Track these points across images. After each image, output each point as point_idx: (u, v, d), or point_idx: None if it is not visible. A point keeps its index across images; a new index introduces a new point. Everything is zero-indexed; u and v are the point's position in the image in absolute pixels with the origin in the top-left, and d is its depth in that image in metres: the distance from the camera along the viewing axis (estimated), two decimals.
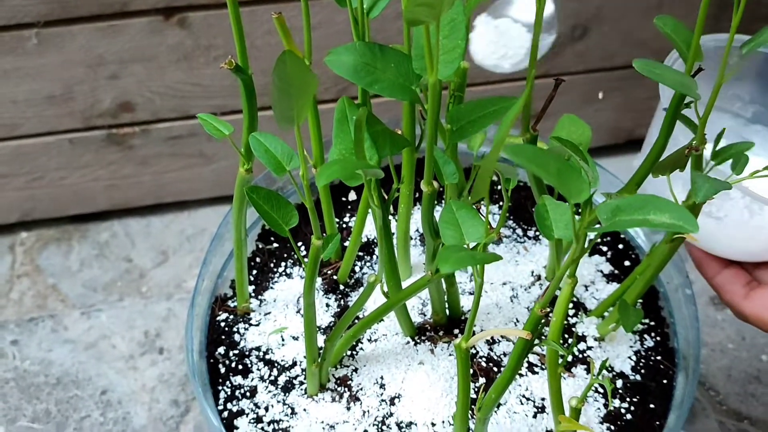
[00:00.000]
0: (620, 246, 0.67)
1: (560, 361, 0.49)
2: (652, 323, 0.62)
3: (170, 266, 0.92)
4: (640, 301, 0.63)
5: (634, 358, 0.60)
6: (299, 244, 0.67)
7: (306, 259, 0.48)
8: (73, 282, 0.90)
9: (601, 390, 0.58)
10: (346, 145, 0.44)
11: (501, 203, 0.70)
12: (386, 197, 0.49)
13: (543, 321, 0.58)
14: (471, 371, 0.58)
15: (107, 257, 0.93)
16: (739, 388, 0.82)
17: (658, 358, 0.60)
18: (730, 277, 0.56)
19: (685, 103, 0.46)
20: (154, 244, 0.94)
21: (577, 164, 0.42)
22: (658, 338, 0.61)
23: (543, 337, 0.48)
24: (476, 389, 0.57)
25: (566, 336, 0.60)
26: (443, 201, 0.59)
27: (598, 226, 0.36)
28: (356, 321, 0.56)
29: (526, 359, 0.59)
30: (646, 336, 0.61)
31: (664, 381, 0.59)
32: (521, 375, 0.58)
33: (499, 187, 0.71)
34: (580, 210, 0.37)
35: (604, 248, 0.67)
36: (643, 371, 0.59)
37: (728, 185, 0.41)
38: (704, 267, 0.57)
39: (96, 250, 0.94)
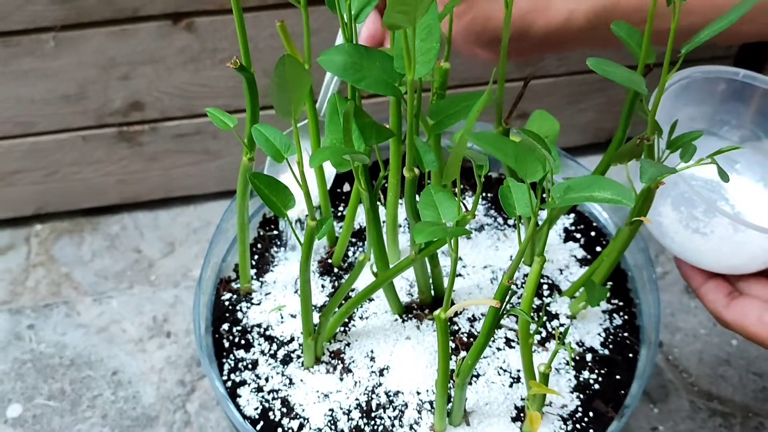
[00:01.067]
0: (593, 233, 0.72)
1: (532, 332, 0.54)
2: (621, 303, 0.68)
3: (177, 256, 0.98)
4: (611, 283, 0.68)
5: (603, 334, 0.65)
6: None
7: (302, 239, 0.53)
8: (86, 271, 0.96)
9: (572, 363, 0.63)
10: (337, 135, 0.49)
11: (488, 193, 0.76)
12: (374, 184, 0.55)
13: (518, 299, 0.64)
14: (453, 346, 0.63)
15: (117, 248, 0.99)
16: (710, 371, 0.87)
17: (625, 334, 0.65)
18: (713, 287, 0.60)
19: (639, 99, 0.52)
20: (161, 235, 1.00)
21: (541, 153, 0.47)
22: (626, 317, 0.67)
23: (515, 306, 0.53)
24: (457, 361, 0.62)
25: (540, 314, 0.66)
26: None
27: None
28: (349, 299, 0.62)
29: (505, 336, 0.65)
30: (614, 315, 0.67)
31: (630, 355, 0.64)
32: (499, 349, 0.64)
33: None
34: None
35: (578, 236, 0.72)
36: (611, 346, 0.65)
37: (672, 170, 0.46)
38: (690, 279, 0.62)
39: (107, 242, 0.99)
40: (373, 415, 0.60)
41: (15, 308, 0.92)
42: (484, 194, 0.75)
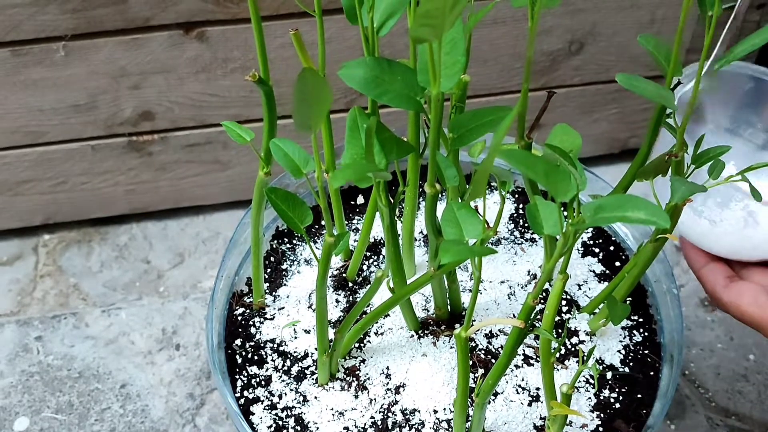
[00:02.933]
0: (611, 248, 0.71)
1: (553, 350, 0.53)
2: (641, 320, 0.66)
3: (186, 267, 0.96)
4: (630, 299, 0.67)
5: (623, 351, 0.64)
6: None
7: (319, 255, 0.52)
8: (94, 282, 0.95)
9: (592, 381, 0.62)
10: (357, 150, 0.48)
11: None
12: (393, 199, 0.53)
13: (538, 316, 0.63)
14: (471, 363, 0.62)
15: (126, 259, 0.97)
16: (727, 386, 0.86)
17: (646, 351, 0.64)
18: (713, 269, 0.61)
19: (667, 113, 0.51)
20: (171, 246, 0.99)
21: (566, 168, 0.46)
22: (646, 333, 0.65)
23: (537, 325, 0.52)
24: (475, 379, 0.61)
25: (560, 331, 0.64)
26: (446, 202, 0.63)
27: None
28: (364, 315, 0.61)
29: (523, 352, 0.64)
30: (634, 332, 0.66)
31: (651, 373, 0.63)
32: (518, 366, 0.63)
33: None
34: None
35: (597, 250, 0.71)
36: (631, 364, 0.63)
37: (703, 188, 0.45)
38: (692, 259, 0.62)
39: (116, 252, 0.98)
40: None
41: (23, 319, 0.91)
42: (497, 206, 0.74)
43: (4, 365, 0.87)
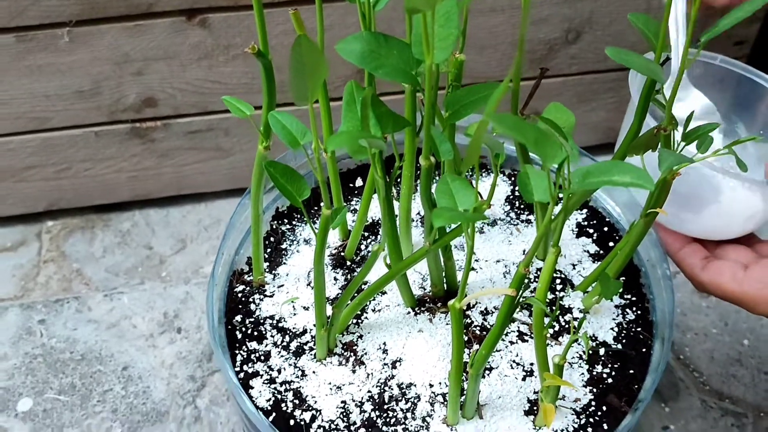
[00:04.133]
0: (605, 228, 0.72)
1: (546, 324, 0.54)
2: (634, 299, 0.67)
3: (188, 253, 0.98)
4: (623, 279, 0.68)
5: (616, 329, 0.65)
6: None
7: (317, 228, 0.54)
8: (97, 267, 0.96)
9: (585, 357, 0.63)
10: (354, 123, 0.50)
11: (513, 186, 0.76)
12: (390, 175, 0.55)
13: (530, 291, 0.64)
14: (466, 339, 0.63)
15: (129, 245, 0.99)
16: (722, 370, 0.87)
17: (638, 329, 0.65)
18: (690, 252, 0.63)
19: (656, 90, 0.52)
20: (173, 232, 1.00)
21: (556, 137, 0.47)
22: (639, 312, 0.67)
23: (530, 295, 0.53)
24: (470, 354, 0.62)
25: (554, 308, 0.66)
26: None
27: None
28: (362, 291, 0.62)
29: (517, 329, 0.65)
30: (627, 310, 0.67)
31: (643, 350, 0.64)
32: (512, 342, 0.64)
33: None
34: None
35: (591, 230, 0.72)
36: (624, 341, 0.65)
37: (690, 159, 0.46)
38: (668, 243, 0.64)
39: (118, 238, 0.99)
40: (385, 407, 0.60)
41: (26, 303, 0.93)
42: (497, 190, 0.75)
43: (8, 348, 0.88)
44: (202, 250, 0.98)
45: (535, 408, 0.60)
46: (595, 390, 0.61)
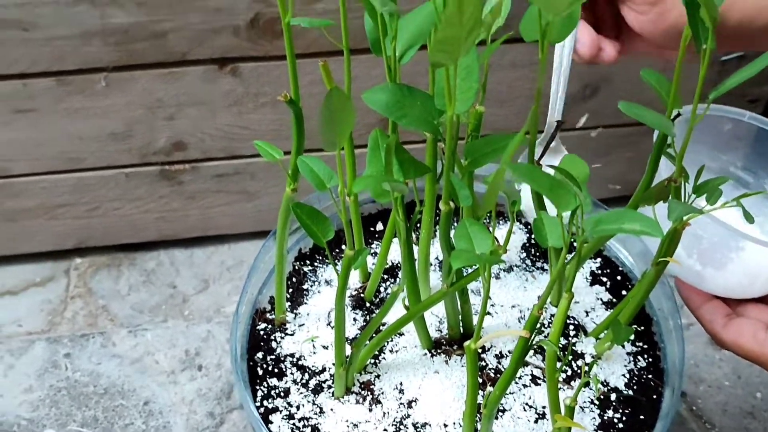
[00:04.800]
0: (618, 277, 0.74)
1: (558, 367, 0.56)
2: (645, 346, 0.69)
3: (211, 293, 1.00)
4: (636, 327, 0.70)
5: (627, 375, 0.67)
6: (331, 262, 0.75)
7: (339, 269, 0.56)
8: (122, 304, 0.99)
9: (597, 402, 0.65)
10: (378, 168, 0.52)
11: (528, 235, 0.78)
12: (410, 218, 0.57)
13: (544, 335, 0.66)
14: (480, 380, 0.65)
15: (153, 283, 1.01)
16: (735, 423, 0.87)
17: (649, 376, 0.67)
18: (711, 308, 0.63)
19: (667, 144, 0.54)
20: (196, 272, 1.03)
21: (573, 189, 0.50)
22: (650, 359, 0.68)
23: (544, 338, 0.55)
24: (484, 395, 0.64)
25: (567, 353, 0.67)
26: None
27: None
28: (381, 330, 0.64)
29: (530, 373, 0.66)
30: (639, 357, 0.68)
31: (654, 396, 0.65)
32: (525, 386, 0.65)
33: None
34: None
35: (604, 279, 0.74)
36: (635, 387, 0.66)
37: (699, 211, 0.49)
38: (689, 299, 0.64)
39: (143, 277, 1.02)
40: None
41: (53, 337, 0.95)
42: (513, 238, 0.78)
43: (33, 380, 0.91)
44: (224, 291, 1.01)
45: None
46: None
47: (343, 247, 0.77)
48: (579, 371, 0.66)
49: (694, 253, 0.61)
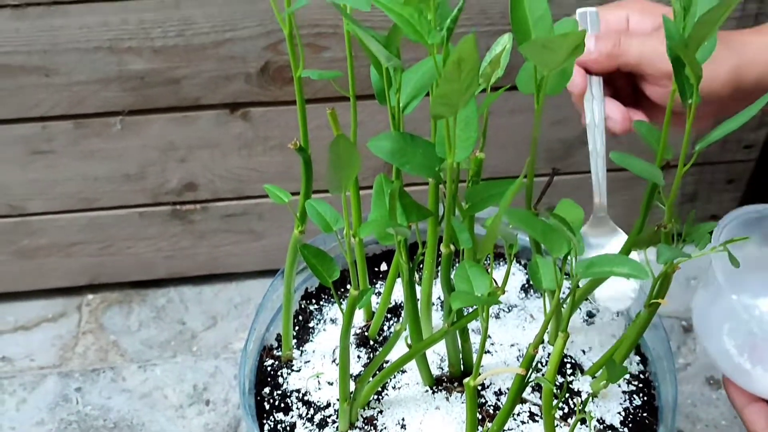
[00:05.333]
0: (614, 318, 0.77)
1: (554, 403, 0.58)
2: (641, 385, 0.71)
3: (219, 330, 1.03)
4: (629, 365, 0.72)
5: (623, 413, 0.69)
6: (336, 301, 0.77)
7: (344, 307, 0.59)
8: (132, 340, 1.01)
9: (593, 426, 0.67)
10: (382, 212, 0.55)
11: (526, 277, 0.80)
12: (413, 261, 0.60)
13: (542, 373, 0.68)
14: (480, 417, 0.67)
15: (163, 319, 1.04)
16: None
17: (644, 414, 0.69)
18: (756, 410, 0.62)
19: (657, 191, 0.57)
20: (205, 309, 1.05)
21: (567, 234, 0.52)
22: (645, 398, 0.70)
23: (539, 375, 0.58)
24: (483, 429, 0.66)
25: (562, 390, 0.69)
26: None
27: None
28: (384, 367, 0.66)
29: (528, 410, 0.68)
30: (634, 396, 0.70)
31: None
32: (523, 422, 0.67)
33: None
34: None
35: (601, 320, 0.76)
36: (630, 425, 0.68)
37: (687, 255, 0.51)
38: (734, 398, 0.63)
39: (153, 313, 1.05)
40: None
41: (64, 372, 0.97)
42: (513, 279, 0.80)
43: (45, 413, 0.93)
44: (231, 327, 1.03)
45: None
46: None
47: (348, 286, 0.79)
48: (576, 408, 0.68)
49: (746, 351, 0.60)
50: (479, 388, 0.69)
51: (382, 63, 0.53)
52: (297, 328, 0.76)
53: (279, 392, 0.70)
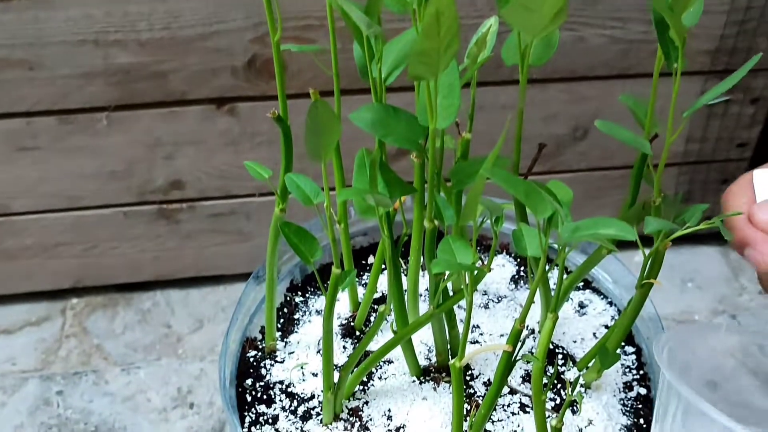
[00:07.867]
0: (605, 308, 0.75)
1: (545, 392, 0.56)
2: (636, 376, 0.69)
3: (205, 333, 1.01)
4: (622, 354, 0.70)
5: (617, 404, 0.67)
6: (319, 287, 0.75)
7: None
8: (116, 343, 0.99)
9: (579, 411, 0.65)
10: (363, 185, 0.54)
11: (513, 257, 0.79)
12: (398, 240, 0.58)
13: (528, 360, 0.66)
14: (467, 408, 0.65)
15: (149, 322, 1.02)
16: None
17: (639, 405, 0.67)
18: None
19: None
20: (192, 312, 1.03)
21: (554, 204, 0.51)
22: (640, 390, 0.68)
23: (531, 353, 0.56)
24: (470, 421, 0.64)
25: (555, 382, 0.67)
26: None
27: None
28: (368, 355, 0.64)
29: (519, 401, 0.66)
30: (628, 388, 0.68)
31: (644, 426, 0.65)
32: (513, 413, 0.65)
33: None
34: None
35: (593, 309, 0.75)
36: (624, 416, 0.66)
37: (676, 227, 0.50)
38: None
39: (139, 316, 1.03)
40: None
41: (46, 375, 0.95)
42: (502, 270, 0.78)
43: (25, 417, 0.91)
44: (218, 330, 1.01)
45: None
46: None
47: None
48: (567, 398, 0.66)
49: None
50: (468, 378, 0.67)
51: (363, 31, 0.52)
52: (282, 320, 0.74)
53: (261, 384, 0.68)
